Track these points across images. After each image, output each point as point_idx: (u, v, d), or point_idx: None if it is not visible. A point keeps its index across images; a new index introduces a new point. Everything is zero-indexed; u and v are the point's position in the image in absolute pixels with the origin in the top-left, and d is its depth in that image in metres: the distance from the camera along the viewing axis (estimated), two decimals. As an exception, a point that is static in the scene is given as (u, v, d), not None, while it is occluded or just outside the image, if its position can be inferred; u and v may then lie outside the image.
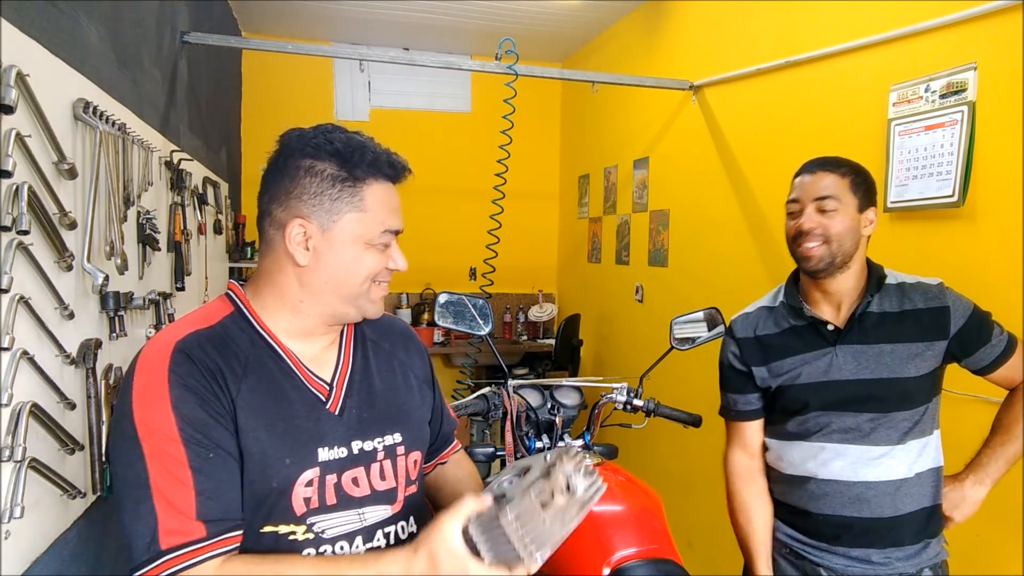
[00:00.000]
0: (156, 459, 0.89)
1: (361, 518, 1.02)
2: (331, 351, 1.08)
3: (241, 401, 0.95)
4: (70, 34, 1.50)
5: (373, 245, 1.01)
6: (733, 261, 2.91)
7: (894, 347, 1.43)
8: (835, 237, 1.42)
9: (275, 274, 1.03)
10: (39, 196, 1.29)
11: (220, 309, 1.04)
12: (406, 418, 1.11)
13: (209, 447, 0.91)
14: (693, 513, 3.18)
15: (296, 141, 1.03)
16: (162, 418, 0.90)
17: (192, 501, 0.88)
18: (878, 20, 2.13)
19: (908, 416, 1.43)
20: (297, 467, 0.97)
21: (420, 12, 4.04)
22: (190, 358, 0.93)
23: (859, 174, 1.47)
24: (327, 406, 1.03)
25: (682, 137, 3.36)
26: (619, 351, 4.15)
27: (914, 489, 1.44)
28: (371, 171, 1.01)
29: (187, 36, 2.68)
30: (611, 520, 1.56)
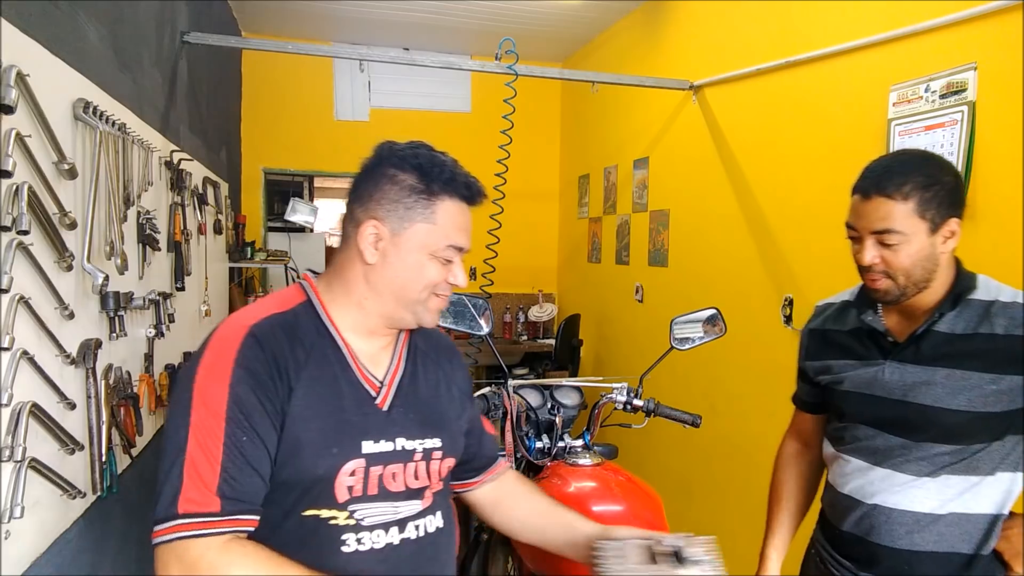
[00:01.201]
0: (198, 430, 0.96)
1: (395, 510, 1.08)
2: (386, 352, 1.15)
3: (299, 389, 1.02)
4: (70, 34, 1.50)
5: (436, 257, 1.08)
6: (733, 261, 2.91)
7: (950, 373, 1.23)
8: (901, 272, 1.22)
9: (346, 269, 1.10)
10: (39, 196, 1.29)
11: (295, 296, 1.11)
12: (446, 425, 1.17)
13: (247, 431, 0.97)
14: (693, 513, 3.18)
15: (386, 151, 1.11)
16: (217, 394, 0.97)
17: (216, 477, 0.94)
18: (878, 20, 2.13)
19: (949, 451, 1.25)
20: (342, 457, 1.03)
21: (420, 12, 4.04)
22: (259, 343, 1.01)
23: (928, 188, 1.19)
24: (376, 402, 1.09)
25: (682, 137, 3.36)
26: (619, 351, 4.15)
27: (946, 530, 1.26)
28: (446, 188, 1.08)
29: (187, 36, 2.68)
30: (611, 520, 1.56)
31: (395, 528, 1.08)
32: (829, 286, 2.33)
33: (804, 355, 1.49)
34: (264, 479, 0.99)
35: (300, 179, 6.01)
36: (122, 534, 1.85)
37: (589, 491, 1.68)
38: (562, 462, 1.80)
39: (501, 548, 2.03)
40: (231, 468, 0.95)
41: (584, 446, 1.86)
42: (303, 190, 6.18)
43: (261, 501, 0.99)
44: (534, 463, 1.83)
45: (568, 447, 1.85)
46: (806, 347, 1.49)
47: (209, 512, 0.93)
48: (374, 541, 1.05)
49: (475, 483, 1.33)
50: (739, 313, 2.69)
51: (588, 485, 1.70)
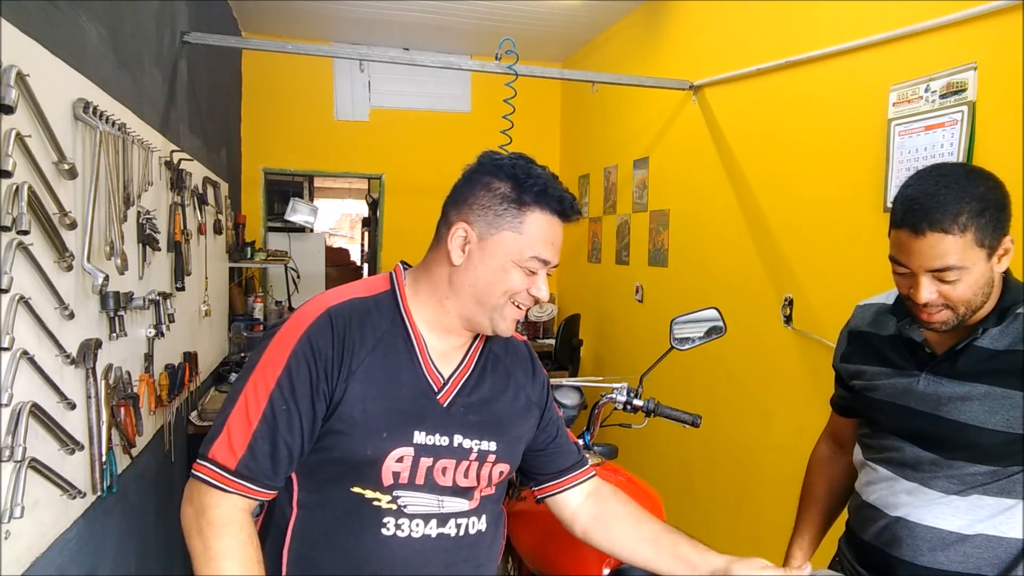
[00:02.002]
0: (251, 388, 1.04)
1: (440, 504, 1.11)
2: (458, 352, 1.18)
3: (360, 372, 1.06)
4: (70, 34, 1.50)
5: (520, 266, 1.10)
6: (733, 261, 2.91)
7: (989, 391, 1.17)
8: (961, 303, 1.15)
9: (434, 267, 1.15)
10: (39, 196, 1.28)
11: (380, 284, 1.17)
12: (505, 430, 1.18)
13: (289, 401, 1.03)
14: (693, 513, 3.18)
15: (486, 159, 1.15)
16: (278, 359, 1.04)
17: (245, 440, 1.01)
18: (878, 20, 2.13)
19: (983, 471, 1.19)
20: (391, 442, 1.06)
21: (420, 12, 4.04)
22: (331, 322, 1.07)
23: (982, 214, 1.10)
24: (437, 397, 1.12)
25: (682, 137, 3.36)
26: (619, 351, 4.15)
27: (972, 551, 1.20)
28: (538, 200, 1.09)
29: (187, 36, 2.68)
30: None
31: (435, 521, 1.10)
32: (829, 286, 2.34)
33: (839, 357, 1.44)
34: (292, 452, 1.04)
35: (300, 179, 6.02)
36: (122, 534, 1.85)
37: (589, 491, 1.67)
38: (562, 462, 1.79)
39: (501, 548, 2.03)
40: (259, 436, 1.01)
41: (584, 446, 1.86)
42: (303, 190, 6.19)
43: (283, 473, 1.04)
44: (534, 463, 1.83)
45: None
46: (842, 349, 1.43)
47: (225, 467, 1.00)
48: (412, 529, 1.08)
49: (557, 486, 1.31)
50: (739, 313, 2.69)
51: (588, 485, 1.69)
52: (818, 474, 1.54)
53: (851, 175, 2.23)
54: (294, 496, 1.10)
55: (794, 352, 2.50)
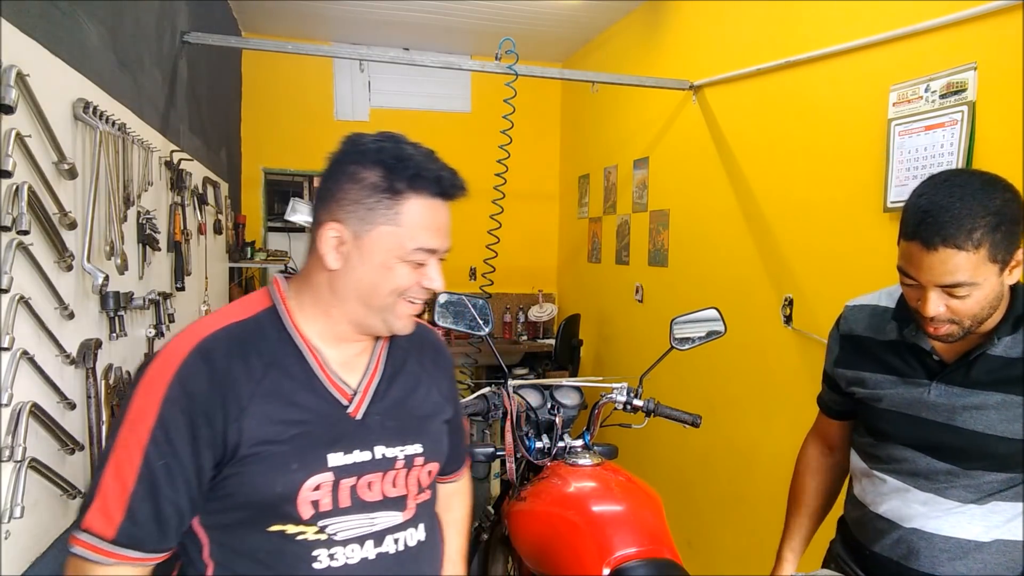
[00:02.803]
0: (121, 448, 0.92)
1: (372, 522, 1.03)
2: (363, 358, 1.09)
3: (252, 406, 0.95)
4: (70, 34, 1.50)
5: (405, 261, 1.00)
6: (733, 261, 2.91)
7: (1005, 399, 1.15)
8: (969, 317, 1.12)
9: (312, 275, 1.04)
10: (39, 196, 1.29)
11: (259, 302, 1.05)
12: (426, 430, 1.12)
13: (168, 455, 0.92)
14: (693, 513, 3.18)
15: (349, 145, 1.02)
16: (147, 411, 0.92)
17: (122, 504, 0.91)
18: (878, 20, 2.13)
19: (1001, 479, 1.18)
20: (304, 472, 0.97)
21: (420, 12, 4.04)
22: (205, 359, 0.95)
23: (997, 229, 1.06)
24: (348, 411, 1.03)
25: (682, 137, 3.36)
26: (619, 351, 4.15)
27: (989, 558, 1.19)
28: (412, 186, 0.98)
29: (187, 36, 2.68)
30: (611, 520, 1.56)
31: (371, 541, 1.02)
32: (829, 286, 2.34)
33: (834, 361, 1.40)
34: (181, 510, 0.93)
35: (300, 179, 6.01)
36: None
37: (589, 491, 1.68)
38: (562, 462, 1.80)
39: (501, 548, 2.03)
40: (138, 499, 0.91)
41: (584, 446, 1.86)
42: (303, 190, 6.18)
43: (174, 533, 0.94)
44: (534, 463, 1.83)
45: (568, 447, 1.85)
46: (836, 353, 1.40)
47: (102, 536, 0.90)
48: (348, 556, 1.00)
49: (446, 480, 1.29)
50: (739, 313, 2.69)
51: (588, 485, 1.70)
52: (807, 476, 1.53)
53: (851, 175, 2.22)
54: (204, 551, 0.98)
55: (794, 352, 2.50)
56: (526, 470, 1.86)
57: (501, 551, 2.04)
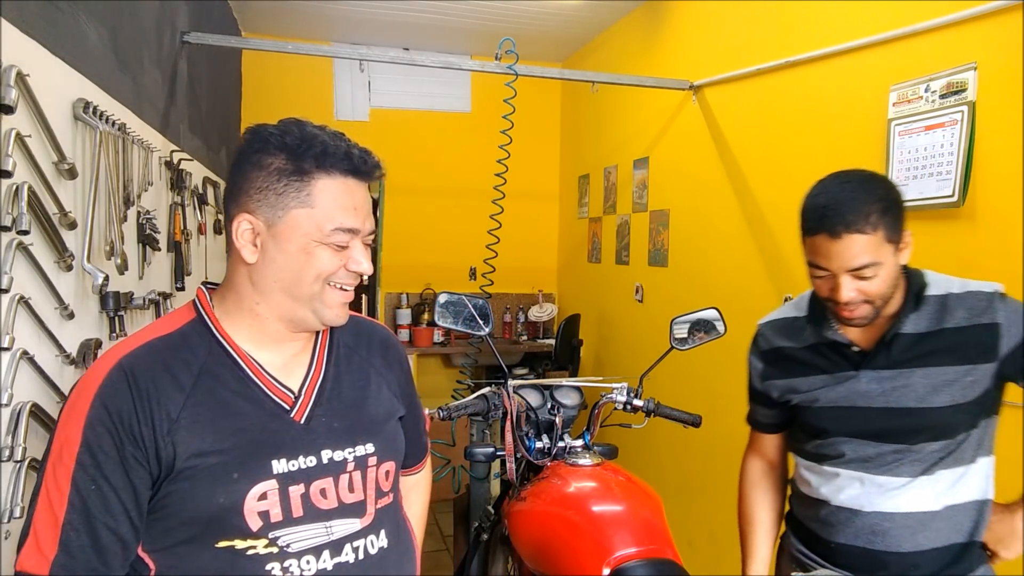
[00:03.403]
0: (50, 479, 0.88)
1: (328, 531, 0.98)
2: (302, 358, 1.04)
3: (184, 419, 0.92)
4: (70, 34, 1.50)
5: (324, 244, 0.96)
6: (733, 261, 2.91)
7: (926, 372, 1.25)
8: (878, 297, 1.23)
9: (232, 275, 1.00)
10: (39, 196, 1.29)
11: (184, 315, 1.00)
12: (378, 428, 1.07)
13: (98, 479, 0.88)
14: (693, 513, 3.18)
15: (251, 135, 0.98)
16: (71, 438, 0.88)
17: (54, 539, 0.86)
18: (878, 20, 2.13)
19: (940, 447, 1.27)
20: (246, 481, 0.93)
21: (420, 12, 4.04)
22: (127, 376, 0.91)
23: (887, 212, 1.19)
24: (291, 415, 0.99)
25: (682, 137, 3.36)
26: (619, 351, 4.15)
27: (942, 524, 1.28)
28: (320, 164, 0.95)
29: (187, 36, 2.68)
30: (611, 520, 1.56)
31: (327, 551, 0.97)
32: (829, 286, 2.34)
33: (760, 377, 1.48)
34: (121, 535, 0.89)
35: (300, 179, 6.03)
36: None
37: (589, 491, 1.68)
38: (562, 462, 1.80)
39: (501, 548, 2.03)
40: (71, 529, 0.86)
41: (584, 446, 1.86)
42: (303, 190, 6.20)
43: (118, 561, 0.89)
44: (534, 463, 1.83)
45: (568, 447, 1.85)
46: (761, 369, 1.48)
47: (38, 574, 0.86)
48: (303, 568, 0.95)
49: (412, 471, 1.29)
50: (739, 313, 2.69)
51: (588, 485, 1.69)
52: (756, 495, 1.55)
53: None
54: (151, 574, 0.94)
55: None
56: (526, 470, 1.86)
57: (501, 551, 2.04)
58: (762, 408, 1.53)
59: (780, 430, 1.53)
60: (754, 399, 1.54)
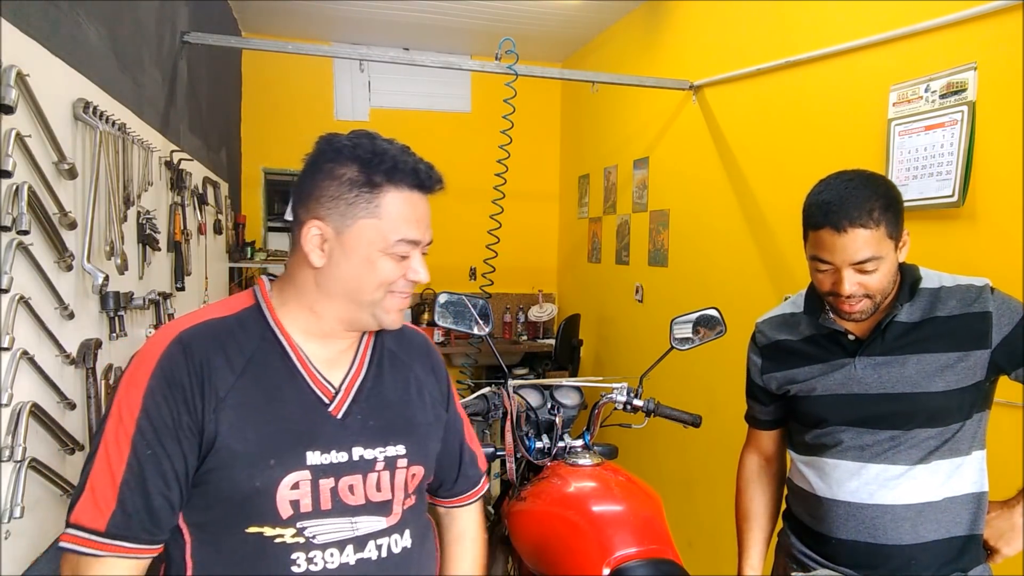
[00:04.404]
0: (109, 441, 0.93)
1: (353, 527, 1.01)
2: (347, 355, 1.08)
3: (231, 398, 0.96)
4: (70, 34, 1.50)
5: (388, 254, 1.00)
6: (733, 261, 2.91)
7: (920, 358, 1.29)
8: (879, 292, 1.26)
9: (296, 273, 1.04)
10: (39, 196, 1.29)
11: (243, 301, 1.06)
12: (411, 430, 1.10)
13: (153, 445, 0.93)
14: (693, 513, 3.18)
15: (325, 144, 1.03)
16: (132, 403, 0.94)
17: (113, 496, 0.91)
18: (878, 20, 2.13)
19: (934, 434, 1.29)
20: (281, 469, 0.96)
21: (420, 12, 4.04)
22: (184, 350, 0.96)
23: (888, 208, 1.23)
24: (329, 409, 1.02)
25: (682, 137, 3.36)
26: (619, 351, 4.15)
27: (942, 515, 1.30)
28: (390, 178, 1.00)
29: (187, 36, 2.68)
30: (611, 520, 1.56)
31: (351, 547, 1.00)
32: (829, 286, 2.34)
33: (759, 371, 1.50)
34: (170, 500, 0.94)
35: (300, 179, 6.03)
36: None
37: (589, 491, 1.68)
38: (562, 462, 1.80)
39: (501, 548, 2.03)
40: (127, 489, 0.91)
41: (584, 446, 1.86)
42: (303, 190, 6.19)
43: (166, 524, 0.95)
44: (534, 463, 1.83)
45: (568, 447, 1.85)
46: (760, 364, 1.50)
47: (94, 530, 0.90)
48: (327, 561, 0.98)
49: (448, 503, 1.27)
50: (739, 313, 2.69)
51: (588, 485, 1.70)
52: (752, 490, 1.57)
53: (851, 175, 2.22)
54: (187, 550, 0.98)
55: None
56: (526, 470, 1.86)
57: (501, 551, 2.04)
58: (759, 405, 1.54)
59: (777, 426, 1.55)
60: (752, 396, 1.56)
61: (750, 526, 1.55)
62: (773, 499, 1.57)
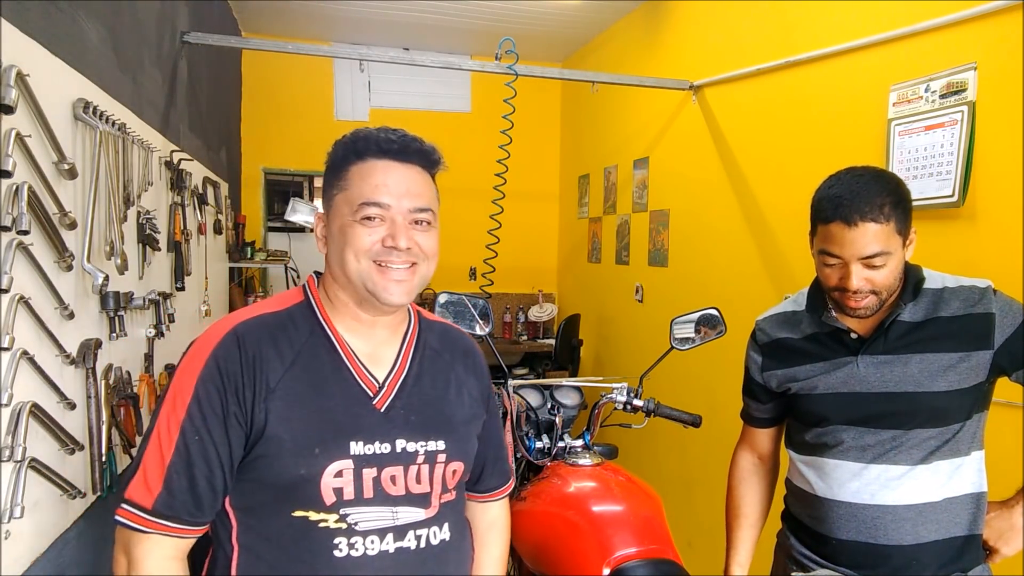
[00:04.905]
0: (163, 422, 0.98)
1: (394, 516, 1.04)
2: (390, 351, 1.12)
3: (281, 389, 1.00)
4: (70, 34, 1.50)
5: (357, 221, 1.03)
6: (733, 261, 2.91)
7: (923, 358, 1.29)
8: (885, 288, 1.26)
9: (325, 269, 1.12)
10: (39, 196, 1.29)
11: (293, 297, 1.11)
12: (452, 427, 1.12)
13: (201, 431, 0.97)
14: (693, 513, 3.18)
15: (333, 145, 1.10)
16: (186, 388, 0.99)
17: (161, 475, 0.96)
18: (878, 20, 2.13)
19: (935, 434, 1.30)
20: (326, 457, 1.00)
21: (420, 12, 4.04)
22: (239, 341, 1.01)
23: (898, 204, 1.23)
24: (373, 402, 1.06)
25: (682, 137, 3.36)
26: (619, 351, 4.15)
27: (942, 516, 1.30)
28: (355, 153, 1.05)
29: (187, 36, 2.68)
30: (611, 520, 1.56)
31: (391, 535, 1.03)
32: (829, 286, 2.34)
33: (760, 369, 1.50)
34: (214, 485, 0.98)
35: (300, 179, 6.01)
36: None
37: (589, 491, 1.68)
38: (562, 462, 1.80)
39: (501, 548, 2.03)
40: (174, 471, 0.96)
41: (584, 446, 1.86)
42: (303, 190, 6.18)
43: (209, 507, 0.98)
44: (534, 463, 1.83)
45: (568, 447, 1.85)
46: (760, 362, 1.49)
47: (142, 507, 0.95)
48: (367, 547, 1.02)
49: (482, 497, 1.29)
50: (739, 313, 2.69)
51: (588, 485, 1.70)
52: (744, 487, 1.57)
53: (851, 175, 2.22)
54: (233, 533, 1.02)
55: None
56: (526, 470, 1.86)
57: (501, 551, 2.03)
58: (757, 403, 1.54)
59: (772, 424, 1.55)
60: (749, 393, 1.56)
61: (740, 524, 1.55)
62: (765, 497, 1.57)
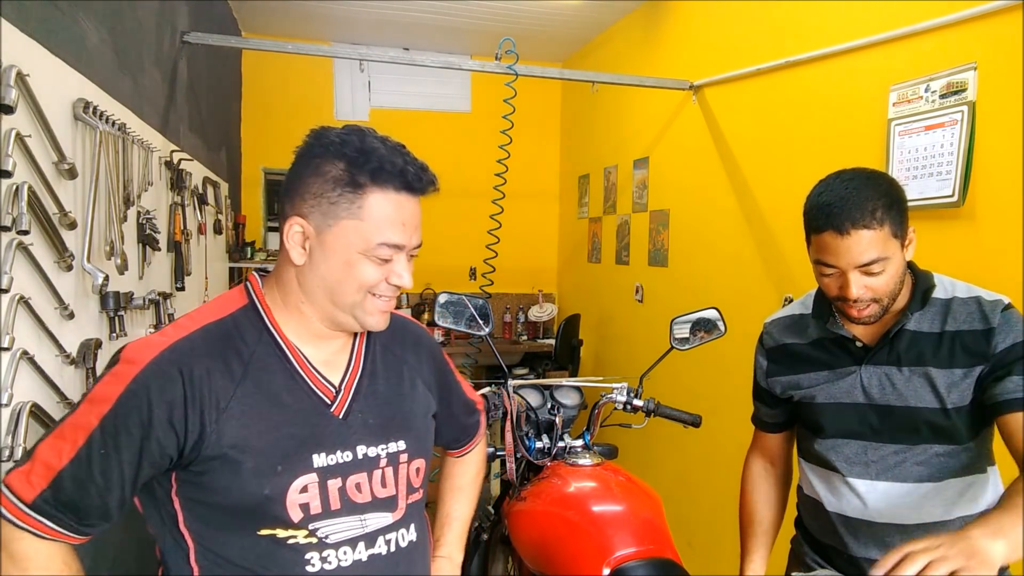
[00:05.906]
0: (71, 423, 0.91)
1: (363, 524, 1.02)
2: (343, 355, 1.07)
3: (233, 408, 0.94)
4: (70, 34, 1.50)
5: (368, 256, 0.97)
6: (733, 261, 2.91)
7: (926, 371, 1.25)
8: (886, 295, 1.22)
9: (282, 271, 1.02)
10: (39, 196, 1.29)
11: (235, 300, 1.03)
12: (410, 425, 1.10)
13: (109, 447, 0.89)
14: (693, 513, 3.18)
15: (313, 139, 1.00)
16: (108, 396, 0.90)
17: (50, 474, 0.89)
18: (878, 20, 2.13)
19: (945, 451, 1.26)
20: (289, 474, 0.95)
21: (420, 12, 4.04)
22: (179, 363, 0.92)
23: (891, 207, 1.19)
24: (331, 409, 1.01)
25: (682, 137, 3.36)
26: (619, 351, 4.15)
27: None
28: (375, 179, 0.96)
29: (187, 36, 2.68)
30: (611, 520, 1.56)
31: (363, 543, 1.01)
32: (829, 286, 2.34)
33: (765, 374, 1.48)
34: (106, 503, 0.90)
35: (300, 179, 6.03)
36: (122, 534, 1.85)
37: (589, 491, 1.68)
38: (562, 462, 1.80)
39: (501, 548, 2.03)
40: (67, 476, 0.88)
41: (584, 446, 1.86)
42: (303, 190, 6.20)
43: (91, 523, 0.92)
44: (534, 463, 1.83)
45: (568, 447, 1.85)
46: (765, 366, 1.48)
47: (20, 497, 0.88)
48: (340, 559, 0.99)
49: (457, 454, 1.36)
50: (739, 313, 2.69)
51: (588, 485, 1.70)
52: (757, 493, 1.54)
53: (851, 175, 2.22)
54: (190, 555, 0.96)
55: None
56: (526, 470, 1.86)
57: (501, 551, 2.04)
58: (765, 407, 1.52)
59: (783, 429, 1.53)
60: (758, 397, 1.54)
61: (753, 531, 1.52)
62: (778, 503, 1.55)
